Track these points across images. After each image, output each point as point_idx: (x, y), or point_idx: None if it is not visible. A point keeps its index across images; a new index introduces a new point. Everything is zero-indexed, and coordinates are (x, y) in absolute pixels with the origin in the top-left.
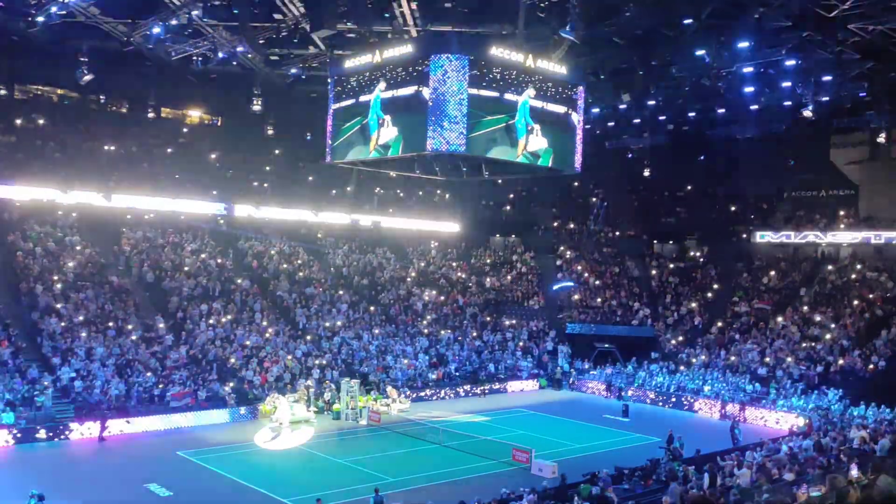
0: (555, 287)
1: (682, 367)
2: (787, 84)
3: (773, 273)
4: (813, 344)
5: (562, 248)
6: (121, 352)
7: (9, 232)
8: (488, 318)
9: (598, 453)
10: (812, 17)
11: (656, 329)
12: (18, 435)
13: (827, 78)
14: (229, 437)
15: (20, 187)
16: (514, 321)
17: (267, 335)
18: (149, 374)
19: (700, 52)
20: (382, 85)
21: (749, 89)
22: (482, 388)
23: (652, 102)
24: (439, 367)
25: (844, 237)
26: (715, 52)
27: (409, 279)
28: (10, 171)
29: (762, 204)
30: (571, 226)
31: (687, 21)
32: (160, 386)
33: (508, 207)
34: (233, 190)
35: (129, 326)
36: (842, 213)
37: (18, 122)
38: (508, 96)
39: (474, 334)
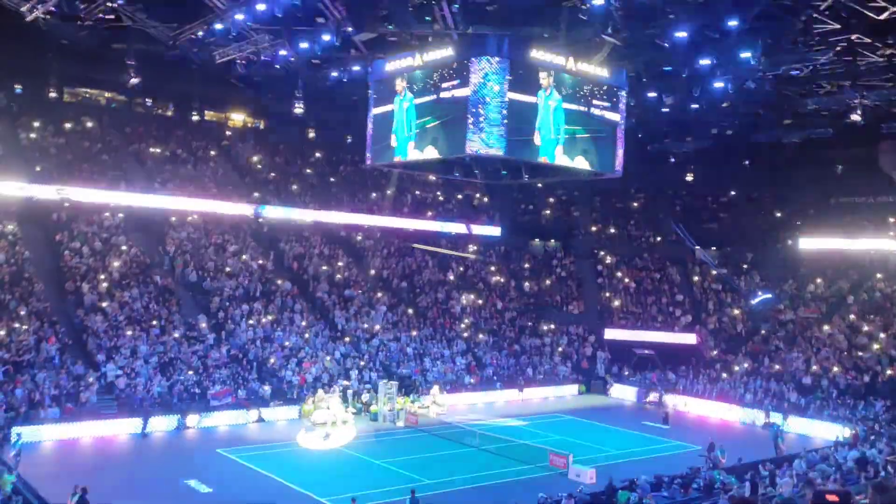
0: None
1: (724, 375)
2: (834, 88)
3: (819, 280)
4: (860, 353)
5: (602, 252)
6: (164, 350)
7: (57, 232)
8: (527, 323)
9: (637, 460)
10: (861, 20)
11: (698, 335)
12: (64, 430)
13: (875, 82)
14: (268, 436)
15: (69, 188)
16: (552, 326)
17: (306, 336)
18: (190, 372)
19: (745, 55)
20: (423, 88)
21: (796, 93)
22: (520, 383)
23: (695, 106)
24: (477, 371)
25: (894, 244)
26: (760, 54)
27: (447, 282)
28: (59, 172)
29: (809, 210)
30: (612, 230)
31: (732, 23)
32: (202, 384)
33: (548, 211)
34: (274, 192)
35: (172, 325)
36: (891, 219)
37: (68, 125)
38: (544, 99)
39: (512, 338)
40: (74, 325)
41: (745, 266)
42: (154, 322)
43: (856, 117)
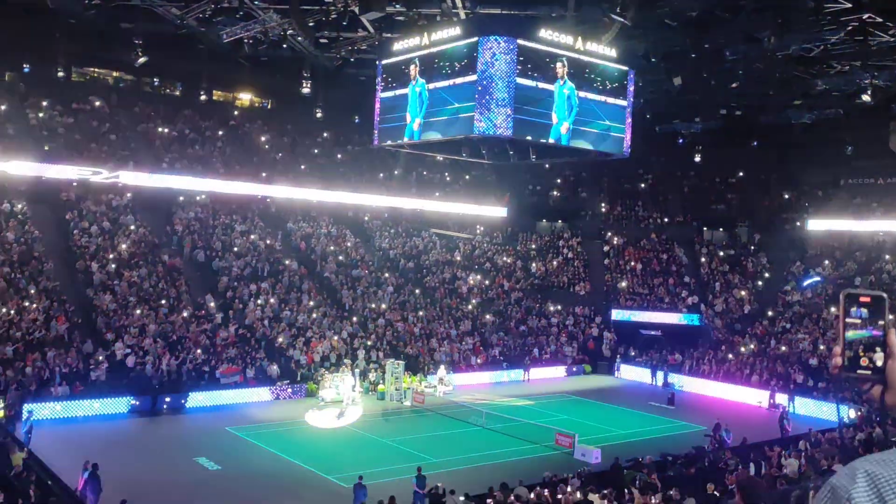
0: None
1: (730, 356)
2: (845, 68)
3: (827, 262)
4: None
5: (609, 233)
6: (172, 329)
7: (67, 211)
8: (533, 303)
9: (642, 440)
10: None
11: (704, 317)
12: (73, 408)
13: (887, 62)
14: (276, 415)
15: (77, 167)
16: (559, 306)
17: (314, 315)
18: (199, 351)
19: (755, 35)
20: (429, 68)
21: (805, 73)
22: (526, 363)
23: (704, 86)
24: (483, 351)
25: None
26: (770, 34)
27: (454, 263)
28: (68, 151)
29: (817, 191)
30: (619, 211)
31: (743, 2)
32: (211, 363)
33: (555, 192)
34: (281, 172)
35: (181, 305)
36: None
37: (75, 104)
38: (551, 80)
39: (519, 318)
40: (84, 304)
41: (752, 248)
42: (163, 301)
43: (866, 98)
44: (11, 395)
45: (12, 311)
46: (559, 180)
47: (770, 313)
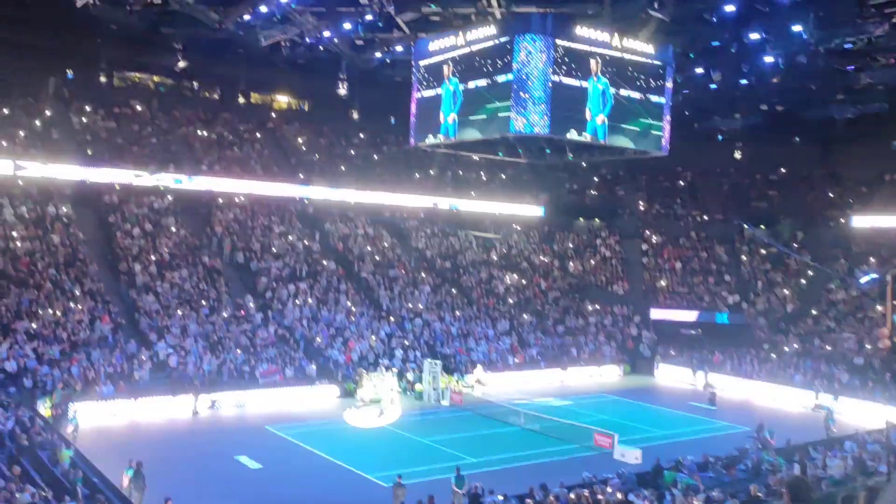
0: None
1: (772, 355)
2: (889, 62)
3: (872, 260)
4: None
5: (648, 232)
6: (213, 329)
7: (110, 214)
8: (571, 303)
9: (683, 441)
10: None
11: (746, 316)
12: (118, 407)
13: None
14: (315, 414)
15: (120, 171)
16: (597, 306)
17: (351, 316)
18: (239, 351)
19: (796, 28)
20: (465, 67)
21: (848, 67)
22: (564, 363)
23: (744, 82)
24: (520, 351)
25: None
26: (812, 27)
27: (490, 262)
28: (110, 155)
29: (861, 187)
30: (658, 209)
31: None
32: (250, 363)
33: (593, 191)
34: (318, 173)
35: (221, 305)
36: None
37: (117, 109)
38: (586, 77)
39: (556, 318)
40: (127, 305)
41: (795, 245)
42: (203, 302)
43: None
44: (58, 394)
45: (58, 313)
46: (596, 178)
47: (814, 312)
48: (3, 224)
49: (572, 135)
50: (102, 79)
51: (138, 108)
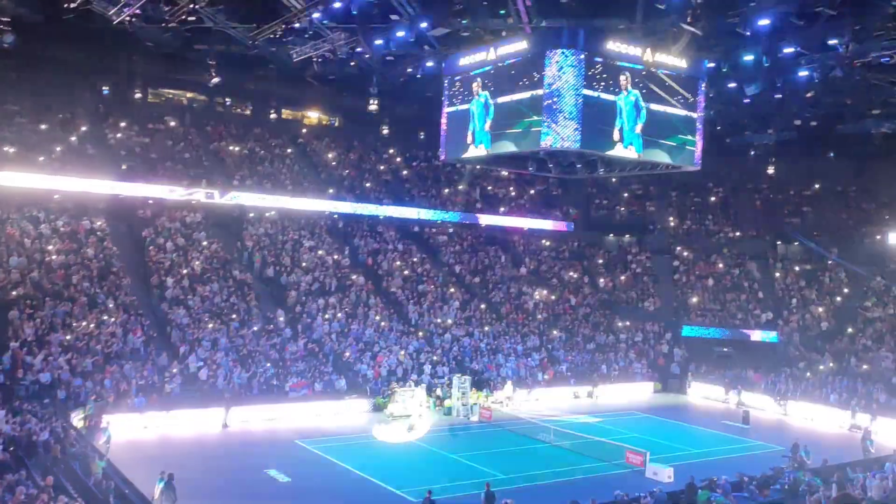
0: None
1: (808, 374)
2: None
3: None
4: None
5: (679, 248)
6: (243, 343)
7: (143, 228)
8: (601, 319)
9: (716, 459)
10: None
11: (780, 334)
12: (150, 419)
13: None
14: (344, 428)
15: (154, 186)
16: (627, 322)
17: (380, 331)
18: (268, 364)
19: (832, 42)
20: (496, 82)
21: (884, 81)
22: (593, 384)
23: (778, 96)
24: (550, 367)
25: None
26: (848, 40)
27: (520, 278)
28: (144, 170)
29: None
30: (689, 225)
31: (819, 8)
32: (280, 377)
33: (623, 206)
34: (349, 188)
35: (251, 319)
36: None
37: (151, 124)
38: (617, 92)
39: (586, 334)
40: (159, 318)
41: (830, 262)
42: (234, 315)
43: None
44: (91, 406)
45: (92, 325)
46: (626, 194)
47: (850, 329)
48: (38, 237)
49: (603, 149)
50: (137, 95)
51: (172, 123)
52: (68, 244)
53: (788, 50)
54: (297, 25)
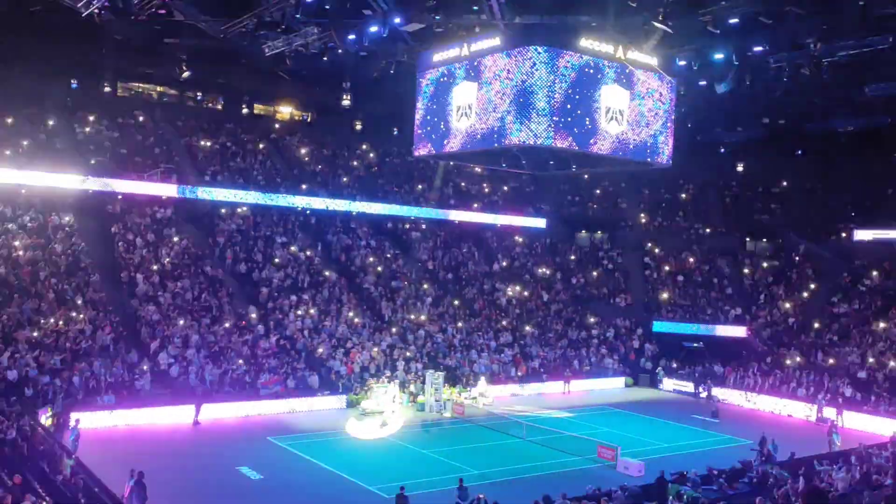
0: None
1: (775, 369)
2: (892, 74)
3: (875, 273)
4: None
5: (650, 244)
6: (214, 339)
7: (112, 224)
8: (573, 315)
9: (686, 453)
10: None
11: (748, 329)
12: (119, 417)
13: None
14: (317, 425)
15: (122, 181)
16: (599, 318)
17: (353, 327)
18: (240, 361)
19: (800, 41)
20: (469, 78)
21: (852, 80)
22: (567, 375)
23: (748, 95)
24: (523, 363)
25: None
26: (817, 40)
27: (493, 274)
28: (113, 165)
29: (864, 200)
30: (660, 222)
31: (788, 8)
32: (252, 374)
33: (595, 203)
34: (321, 184)
35: (223, 315)
36: None
37: (121, 119)
38: (590, 89)
39: (558, 330)
40: (129, 315)
41: (797, 258)
42: (205, 312)
43: None
44: (59, 404)
45: (60, 322)
46: (598, 191)
47: (816, 325)
48: (5, 233)
49: (575, 145)
50: (106, 89)
51: (142, 118)
52: (36, 240)
53: (757, 48)
54: (269, 19)
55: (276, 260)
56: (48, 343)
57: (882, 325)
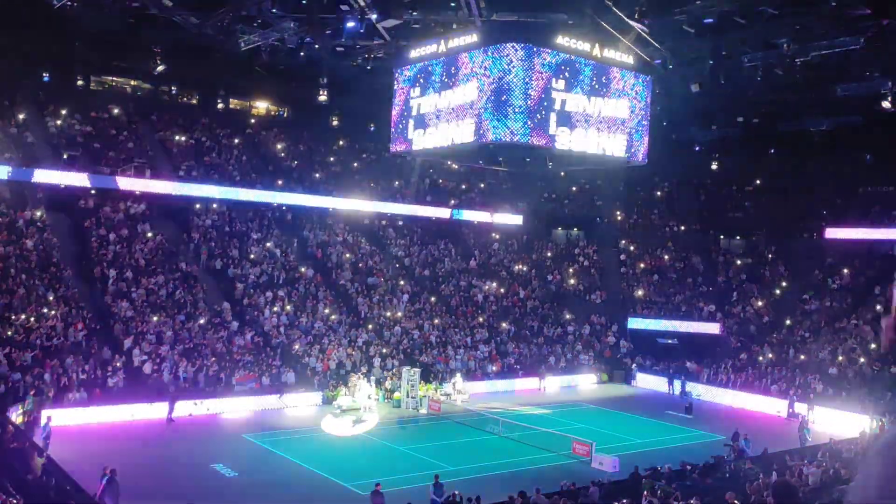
0: None
1: (748, 366)
2: (864, 74)
3: (846, 271)
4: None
5: (625, 241)
6: (189, 336)
7: (85, 219)
8: (549, 312)
9: (660, 449)
10: (893, 5)
11: (721, 326)
12: (92, 414)
13: None
14: (292, 422)
15: (96, 175)
16: (575, 315)
17: (329, 323)
18: (215, 358)
19: (773, 41)
20: (447, 75)
21: (824, 79)
22: (542, 372)
23: (721, 93)
24: (499, 359)
25: None
26: (790, 40)
27: (469, 271)
28: (86, 159)
29: (836, 199)
30: (635, 219)
31: (761, 8)
32: (227, 370)
33: (571, 200)
34: (297, 180)
35: (198, 312)
36: None
37: (94, 113)
38: (567, 87)
39: (534, 327)
40: (101, 311)
41: (769, 256)
42: (179, 308)
43: (886, 104)
44: (31, 401)
45: (31, 318)
46: (574, 188)
47: (788, 322)
48: None
49: (552, 143)
50: (79, 82)
51: (115, 112)
52: (6, 235)
53: (732, 48)
54: (245, 13)
55: (252, 256)
56: (19, 339)
57: (853, 322)
